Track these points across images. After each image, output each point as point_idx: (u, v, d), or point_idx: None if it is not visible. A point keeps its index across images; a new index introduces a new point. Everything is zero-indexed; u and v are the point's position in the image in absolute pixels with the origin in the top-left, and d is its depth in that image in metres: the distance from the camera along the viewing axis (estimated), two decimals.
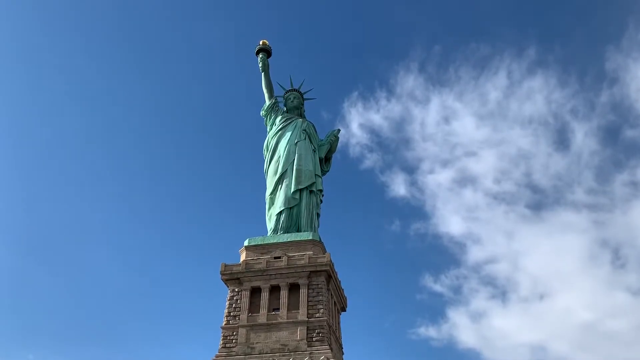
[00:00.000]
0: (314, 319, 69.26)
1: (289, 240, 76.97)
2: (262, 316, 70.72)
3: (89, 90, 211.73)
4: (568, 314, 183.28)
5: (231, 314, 72.19)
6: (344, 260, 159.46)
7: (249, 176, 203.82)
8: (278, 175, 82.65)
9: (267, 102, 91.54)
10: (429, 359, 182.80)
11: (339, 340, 77.57)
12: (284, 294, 71.99)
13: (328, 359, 65.02)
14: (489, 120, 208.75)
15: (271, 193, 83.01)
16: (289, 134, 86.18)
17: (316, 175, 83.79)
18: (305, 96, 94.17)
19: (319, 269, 72.53)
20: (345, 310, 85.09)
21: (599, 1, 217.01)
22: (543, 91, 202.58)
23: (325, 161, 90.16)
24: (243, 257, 77.46)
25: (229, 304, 73.18)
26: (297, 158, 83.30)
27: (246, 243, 78.78)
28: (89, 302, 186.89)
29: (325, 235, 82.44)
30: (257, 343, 68.69)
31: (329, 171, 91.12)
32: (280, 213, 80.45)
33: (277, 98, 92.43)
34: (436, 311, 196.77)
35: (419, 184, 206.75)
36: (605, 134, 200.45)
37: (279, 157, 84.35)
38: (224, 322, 71.64)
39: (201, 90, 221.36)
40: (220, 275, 75.05)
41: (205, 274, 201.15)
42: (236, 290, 73.91)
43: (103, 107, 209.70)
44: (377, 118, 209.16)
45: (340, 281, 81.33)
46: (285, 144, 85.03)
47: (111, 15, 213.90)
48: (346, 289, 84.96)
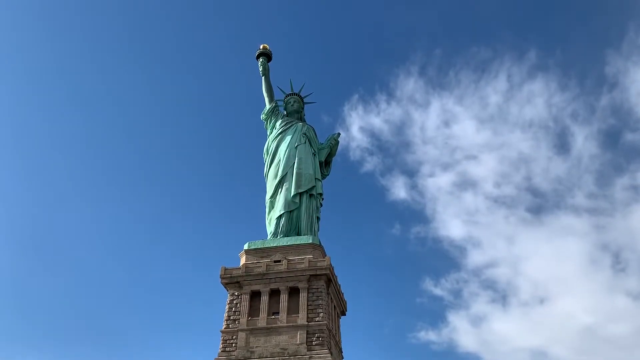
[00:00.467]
0: (313, 323, 69.24)
1: (288, 244, 77.04)
2: (261, 320, 70.69)
3: (89, 92, 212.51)
4: (568, 318, 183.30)
5: (231, 317, 72.11)
6: (344, 264, 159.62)
7: (249, 180, 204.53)
8: (278, 179, 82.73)
9: (268, 106, 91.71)
10: None
11: (338, 344, 77.46)
12: (283, 297, 71.97)
13: None
14: (489, 123, 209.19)
15: (271, 197, 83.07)
16: (289, 138, 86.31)
17: (316, 178, 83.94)
18: (305, 100, 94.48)
19: (318, 272, 72.53)
20: (345, 314, 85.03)
21: (599, 5, 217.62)
22: (543, 95, 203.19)
23: (325, 165, 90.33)
24: (243, 260, 77.43)
25: (229, 307, 73.11)
26: (297, 162, 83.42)
27: (246, 247, 78.75)
28: (89, 305, 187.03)
29: (325, 239, 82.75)
30: (256, 347, 68.62)
31: (329, 175, 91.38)
32: (280, 217, 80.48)
33: (278, 102, 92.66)
34: (436, 315, 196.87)
35: (419, 187, 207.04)
36: (605, 137, 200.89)
37: (279, 160, 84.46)
38: (224, 326, 71.56)
39: (202, 94, 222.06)
40: (220, 278, 75.08)
41: (205, 277, 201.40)
42: (236, 294, 73.86)
43: (103, 109, 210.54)
44: (377, 121, 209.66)
45: (340, 285, 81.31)
46: (285, 148, 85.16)
47: (111, 17, 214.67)
48: (346, 292, 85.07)
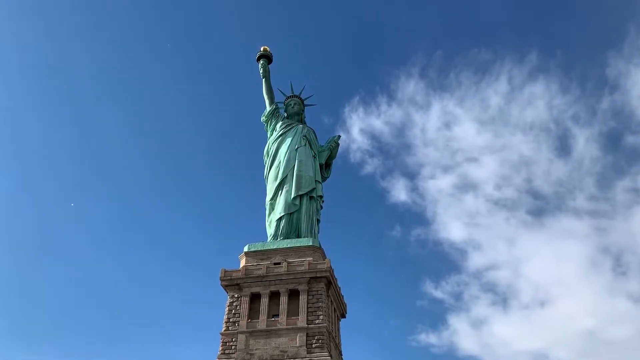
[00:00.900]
0: (313, 325, 69.11)
1: (288, 246, 76.92)
2: (261, 322, 70.57)
3: (89, 92, 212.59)
4: (569, 321, 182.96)
5: (230, 320, 71.98)
6: (344, 267, 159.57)
7: (249, 182, 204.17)
8: (278, 181, 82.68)
9: (268, 108, 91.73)
10: None
11: (338, 346, 77.34)
12: (283, 300, 71.87)
13: None
14: (490, 125, 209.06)
15: (271, 199, 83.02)
16: (289, 140, 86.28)
17: (316, 181, 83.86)
18: (305, 102, 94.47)
19: (318, 275, 72.44)
20: (345, 317, 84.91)
21: (600, 7, 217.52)
22: (544, 97, 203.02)
23: (326, 167, 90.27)
24: (243, 263, 77.34)
25: (229, 310, 72.99)
26: (298, 164, 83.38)
27: (246, 249, 78.66)
28: (89, 306, 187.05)
29: (326, 241, 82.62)
30: (256, 349, 68.47)
31: (329, 177, 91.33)
32: (280, 219, 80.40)
33: (278, 104, 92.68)
34: (437, 317, 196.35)
35: (419, 189, 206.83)
36: (606, 140, 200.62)
37: (279, 163, 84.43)
38: (224, 328, 71.41)
39: (202, 95, 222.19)
40: (219, 281, 74.99)
41: (205, 279, 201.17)
42: (236, 296, 73.76)
43: (103, 109, 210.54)
44: (378, 123, 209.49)
45: (340, 287, 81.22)
46: (285, 150, 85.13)
47: (111, 18, 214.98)
48: (346, 295, 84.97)
